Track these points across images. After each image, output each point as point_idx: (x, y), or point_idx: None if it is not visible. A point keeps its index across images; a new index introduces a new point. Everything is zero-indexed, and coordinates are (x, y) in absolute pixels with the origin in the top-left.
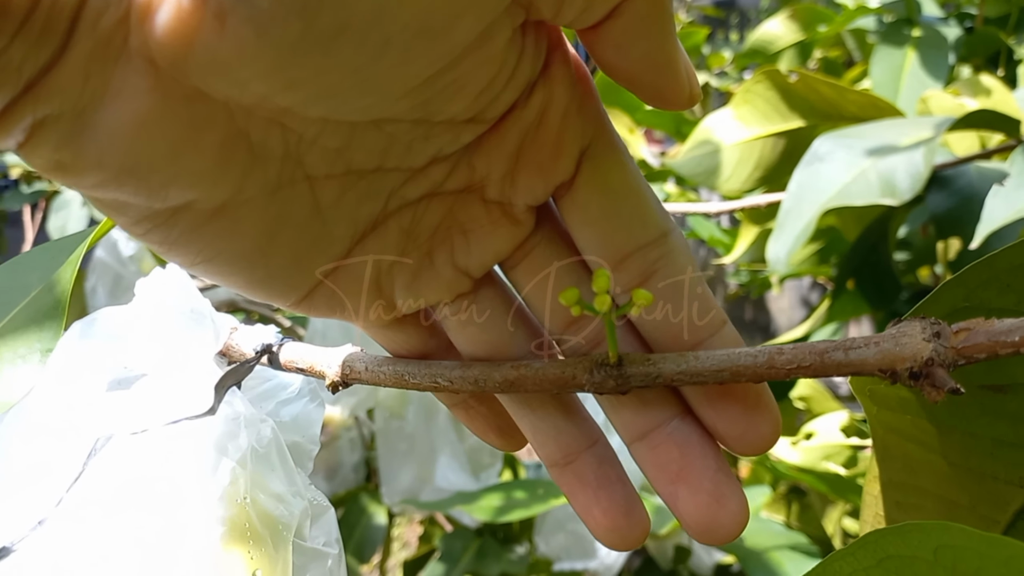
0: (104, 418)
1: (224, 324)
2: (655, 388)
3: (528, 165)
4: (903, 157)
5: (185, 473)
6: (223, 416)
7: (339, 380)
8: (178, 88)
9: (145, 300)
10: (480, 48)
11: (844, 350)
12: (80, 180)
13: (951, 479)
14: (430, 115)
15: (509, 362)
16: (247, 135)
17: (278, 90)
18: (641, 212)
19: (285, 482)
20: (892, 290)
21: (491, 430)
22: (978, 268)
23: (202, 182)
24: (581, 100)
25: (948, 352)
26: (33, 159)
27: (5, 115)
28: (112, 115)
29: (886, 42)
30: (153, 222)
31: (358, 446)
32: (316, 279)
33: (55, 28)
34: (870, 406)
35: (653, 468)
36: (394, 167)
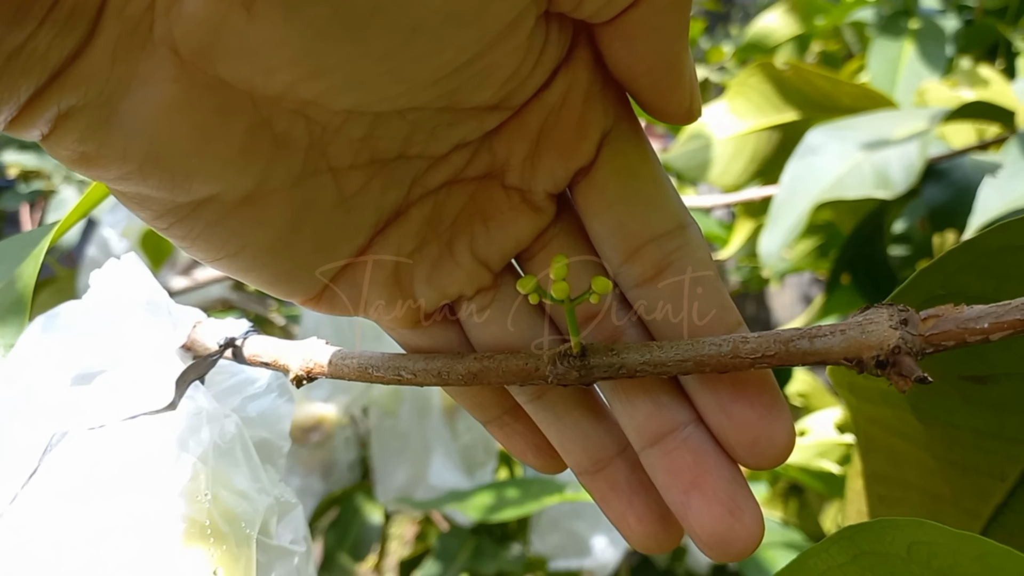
0: (61, 413)
1: (187, 318)
2: (667, 390)
3: (549, 148)
4: (897, 149)
5: (144, 469)
6: (184, 411)
7: (303, 374)
8: (203, 77)
9: (101, 292)
10: (510, 35)
11: (809, 338)
12: (105, 172)
13: (934, 472)
14: (456, 103)
15: (472, 355)
16: (271, 125)
17: (304, 78)
18: (659, 200)
19: (249, 478)
20: (887, 283)
21: (529, 448)
22: (956, 253)
23: (226, 173)
24: (603, 83)
25: (915, 340)
26: (57, 151)
27: (31, 106)
28: (137, 105)
29: (884, 34)
30: (176, 216)
31: (353, 445)
32: (334, 271)
33: (82, 15)
34: (851, 399)
35: (665, 475)
36: (417, 154)
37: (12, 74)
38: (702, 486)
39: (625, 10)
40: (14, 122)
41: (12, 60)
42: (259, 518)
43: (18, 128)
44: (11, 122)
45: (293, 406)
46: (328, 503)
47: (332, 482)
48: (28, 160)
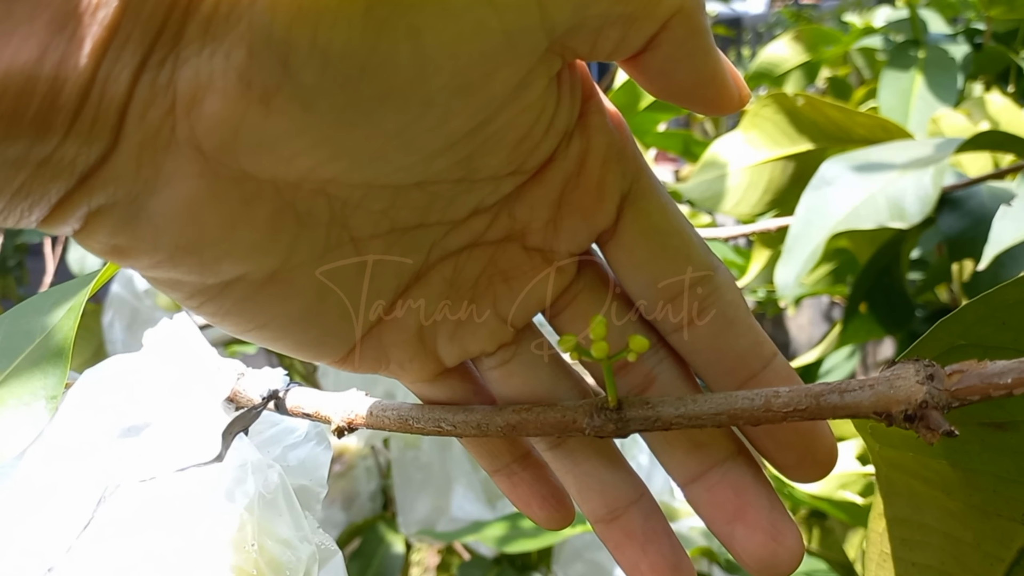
0: (113, 466)
1: (231, 370)
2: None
3: (570, 212)
4: (912, 180)
5: (193, 520)
6: (230, 463)
7: (344, 425)
8: (226, 170)
9: (153, 349)
10: (518, 98)
11: (839, 392)
12: (136, 262)
13: (955, 516)
14: (471, 170)
15: (511, 406)
16: (293, 206)
17: (323, 161)
18: (686, 251)
19: (292, 527)
20: (905, 312)
21: (535, 500)
22: (975, 305)
23: (252, 255)
24: (619, 146)
25: (942, 394)
26: (90, 244)
27: (61, 206)
28: (164, 200)
29: (893, 66)
30: (207, 295)
31: (374, 475)
32: (361, 333)
33: (104, 123)
34: (872, 443)
35: (709, 509)
36: (436, 221)
37: (41, 180)
38: (744, 517)
39: (646, 48)
40: (46, 221)
41: (41, 168)
42: (302, 566)
43: (50, 226)
44: (43, 221)
45: (331, 453)
46: (350, 533)
47: (353, 512)
48: None
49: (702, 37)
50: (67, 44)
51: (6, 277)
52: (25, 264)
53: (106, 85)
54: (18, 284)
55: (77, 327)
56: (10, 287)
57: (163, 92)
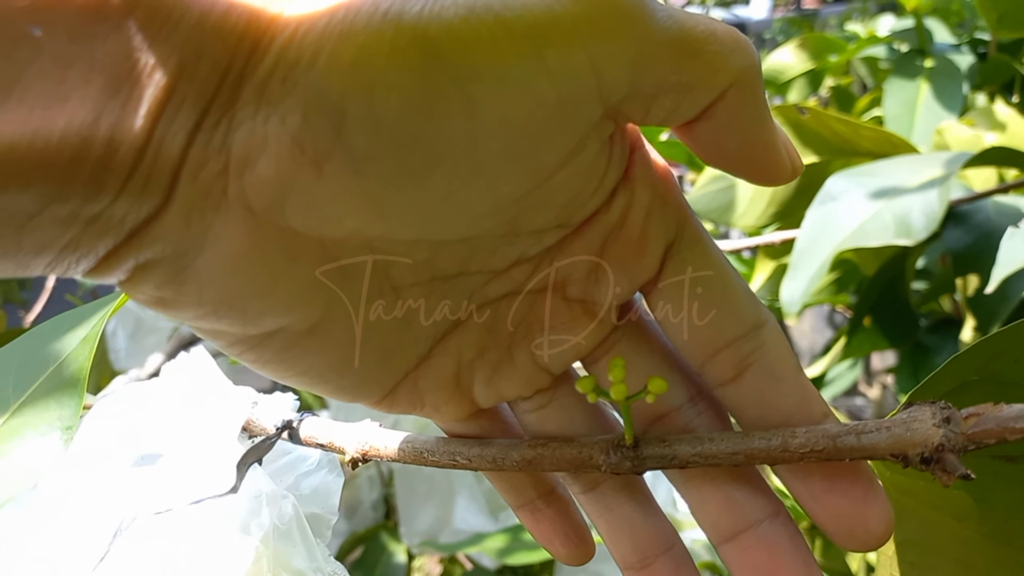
0: (128, 498)
1: (244, 399)
2: (741, 485)
3: (612, 263)
4: (918, 196)
5: (209, 553)
6: (245, 494)
7: (358, 456)
8: (273, 229)
9: (169, 380)
10: (569, 163)
11: (856, 435)
12: (180, 313)
13: (967, 543)
14: (517, 228)
15: (527, 441)
16: (338, 261)
17: (371, 222)
18: (731, 305)
19: (306, 557)
20: (910, 328)
21: (556, 537)
22: (988, 342)
23: (295, 309)
24: (664, 197)
25: (958, 438)
26: (135, 294)
27: (108, 259)
28: (211, 256)
29: (898, 75)
30: (248, 344)
31: (377, 484)
32: (399, 377)
33: (157, 183)
34: (883, 470)
35: (741, 570)
36: (477, 270)
37: (90, 236)
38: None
39: (700, 118)
40: (92, 271)
41: (90, 225)
42: None
43: (96, 276)
44: (89, 271)
45: (342, 480)
46: (353, 543)
47: (356, 521)
48: None
49: (757, 107)
50: (122, 108)
51: (8, 281)
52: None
53: (160, 146)
54: (21, 288)
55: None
56: (13, 291)
57: (217, 153)
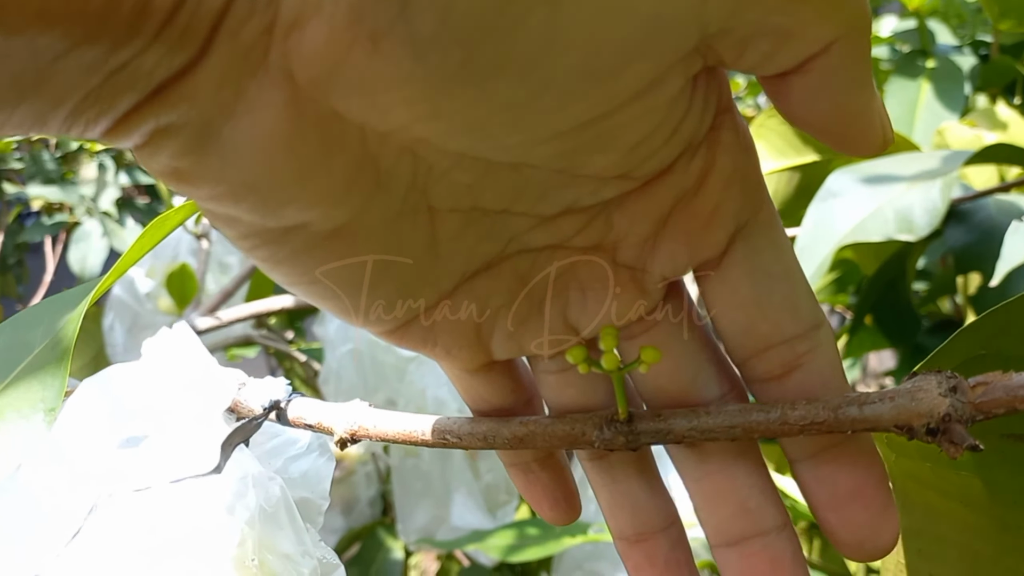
0: (106, 475)
1: (232, 380)
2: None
3: (675, 234)
4: (919, 192)
5: (192, 534)
6: (231, 475)
7: (347, 437)
8: (314, 107)
9: (153, 359)
10: (646, 96)
11: (859, 405)
12: (195, 190)
13: (973, 529)
14: (575, 165)
15: (518, 418)
16: (376, 161)
17: (420, 118)
18: (793, 301)
19: (294, 541)
20: (911, 324)
21: (546, 500)
22: (994, 315)
23: (322, 204)
24: (746, 171)
25: (966, 407)
26: (150, 163)
27: (128, 119)
28: (240, 129)
29: (900, 74)
30: (262, 239)
31: (374, 480)
32: (415, 312)
33: (194, 35)
34: (888, 453)
35: (738, 575)
36: (523, 212)
37: (113, 90)
38: None
39: (796, 70)
40: (109, 132)
41: (115, 75)
42: None
43: (112, 138)
44: (106, 132)
45: (333, 465)
46: (350, 539)
47: (353, 518)
48: (52, 193)
49: (861, 68)
50: None
51: (6, 275)
52: (25, 262)
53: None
54: (18, 282)
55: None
56: (10, 285)
57: (263, 9)
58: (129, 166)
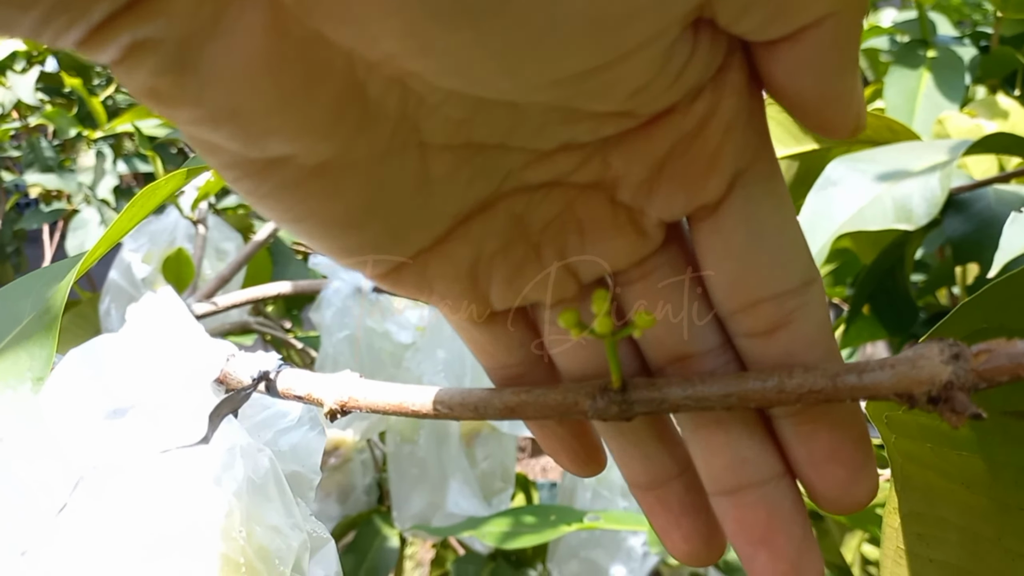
0: (92, 447)
1: (220, 351)
2: (753, 441)
3: (674, 176)
4: (918, 181)
5: (178, 505)
6: (218, 446)
7: (337, 408)
8: (299, 30)
9: (137, 326)
10: (646, 48)
11: (858, 373)
12: (173, 112)
13: (974, 510)
14: (573, 108)
15: (510, 388)
16: (364, 91)
17: (411, 52)
18: (787, 254)
19: (283, 514)
20: (909, 315)
21: (565, 453)
22: (997, 288)
23: (306, 136)
24: (749, 115)
25: (968, 375)
26: (127, 80)
27: (102, 30)
28: (221, 50)
29: (901, 63)
30: (245, 170)
31: (370, 468)
32: (409, 253)
33: None
34: (888, 434)
35: (735, 525)
36: (519, 146)
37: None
38: (772, 543)
39: (788, 38)
40: (83, 43)
41: None
42: (292, 555)
43: (87, 50)
44: (80, 43)
45: (325, 439)
46: (345, 526)
47: (349, 505)
48: (50, 181)
49: (848, 49)
50: None
51: (4, 264)
52: (23, 251)
53: None
54: (16, 271)
55: (64, 306)
56: (7, 274)
57: None
58: (127, 155)
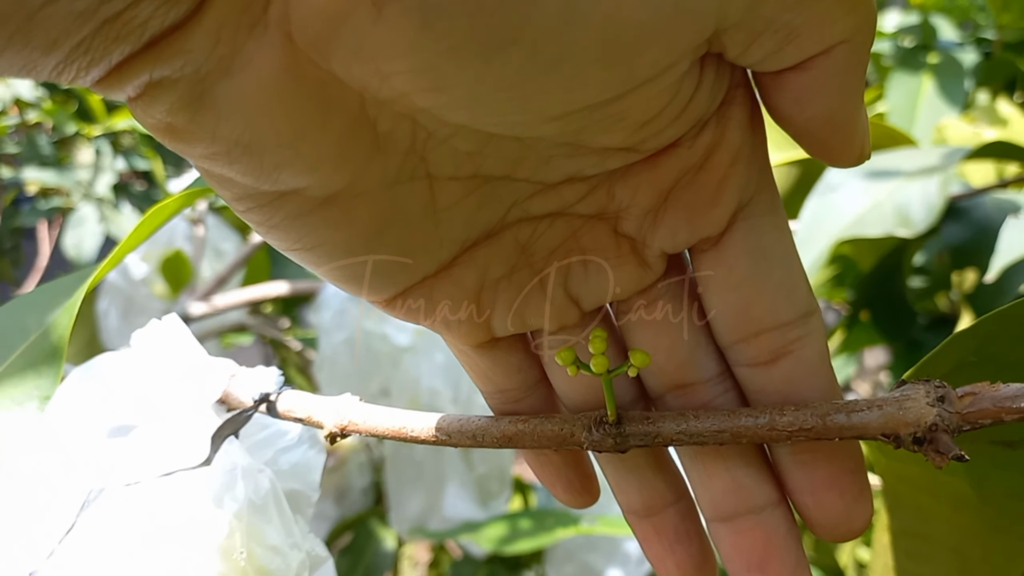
0: (98, 468)
1: (222, 371)
2: (750, 469)
3: (678, 208)
4: (918, 188)
5: (180, 527)
6: (220, 467)
7: (336, 431)
8: (312, 69)
9: (143, 349)
10: (656, 81)
11: (847, 413)
12: (189, 148)
13: (963, 531)
14: (580, 141)
15: (508, 417)
16: (374, 126)
17: (422, 89)
18: (789, 286)
19: (283, 534)
20: (907, 323)
21: (560, 483)
22: (988, 321)
23: (318, 169)
24: (752, 149)
25: (952, 417)
26: (144, 118)
27: (121, 69)
28: (236, 87)
29: (902, 68)
30: (257, 202)
31: (367, 470)
32: (413, 281)
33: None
34: (879, 456)
35: (731, 551)
36: (525, 178)
37: (105, 40)
38: (767, 569)
39: (795, 68)
40: (102, 82)
41: (107, 25)
42: (292, 574)
43: (105, 89)
44: (99, 81)
45: (324, 457)
46: (342, 528)
47: (345, 507)
48: (47, 177)
49: (856, 76)
50: None
51: (1, 260)
52: (21, 247)
53: None
54: (13, 266)
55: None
56: (5, 269)
57: None
58: (126, 151)
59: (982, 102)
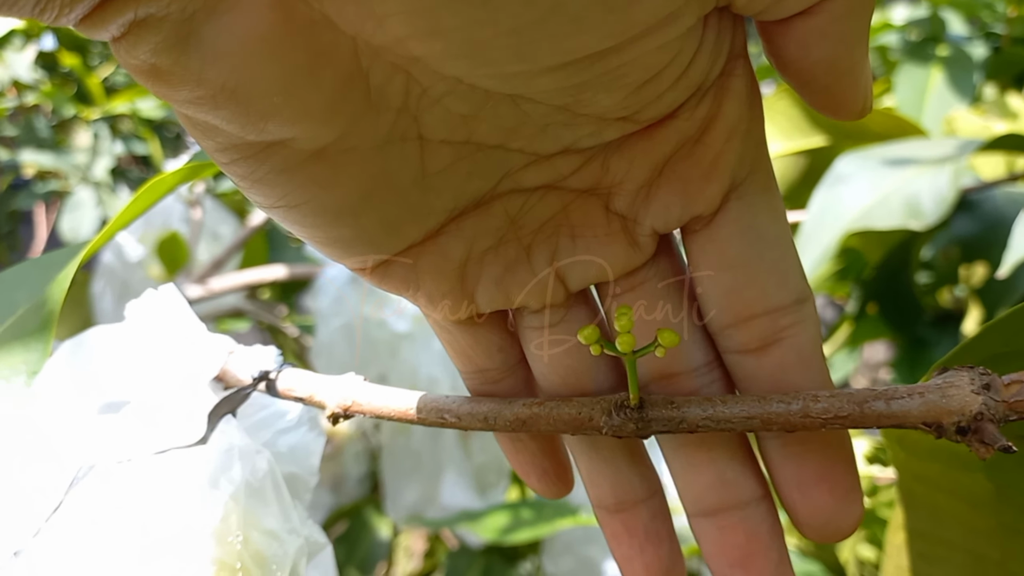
0: (88, 445)
1: (220, 348)
2: (735, 463)
3: (671, 183)
4: (928, 180)
5: (173, 508)
6: (216, 447)
7: (339, 411)
8: (304, 10)
9: (137, 321)
10: (657, 33)
11: (886, 400)
12: (172, 91)
13: (980, 532)
14: (578, 103)
15: (521, 400)
16: (367, 77)
17: (418, 34)
18: (782, 269)
19: (280, 518)
20: (914, 316)
21: (534, 471)
22: (1019, 313)
23: (306, 120)
24: (749, 124)
25: (999, 406)
26: (126, 58)
27: (103, 7)
28: (224, 28)
29: (911, 60)
30: (241, 153)
31: (363, 459)
32: (400, 247)
33: None
34: (898, 451)
35: (713, 547)
36: (519, 148)
37: None
38: (749, 566)
39: (800, 14)
40: (85, 20)
41: None
42: (289, 561)
43: (88, 27)
44: (82, 20)
45: (323, 440)
46: (337, 516)
47: (341, 495)
48: (45, 160)
49: (862, 18)
50: None
51: None
52: (17, 231)
53: None
54: (9, 250)
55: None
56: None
57: None
58: (125, 136)
59: (990, 96)
